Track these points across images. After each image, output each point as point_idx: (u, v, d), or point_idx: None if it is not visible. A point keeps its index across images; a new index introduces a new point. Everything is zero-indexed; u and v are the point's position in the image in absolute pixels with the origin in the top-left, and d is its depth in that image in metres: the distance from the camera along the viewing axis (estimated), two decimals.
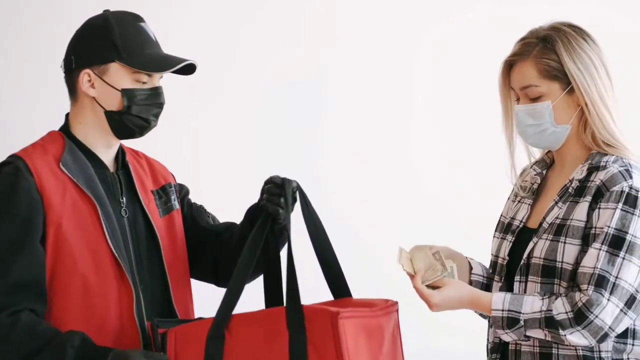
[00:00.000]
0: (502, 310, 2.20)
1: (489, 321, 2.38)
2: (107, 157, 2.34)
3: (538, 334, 2.19)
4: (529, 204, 2.36)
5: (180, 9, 3.75)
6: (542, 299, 2.19)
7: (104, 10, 2.34)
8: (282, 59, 3.87)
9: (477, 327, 3.24)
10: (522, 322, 2.18)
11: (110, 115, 2.28)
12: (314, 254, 2.24)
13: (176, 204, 2.42)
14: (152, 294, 2.32)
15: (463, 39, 3.96)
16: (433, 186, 3.94)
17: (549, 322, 2.16)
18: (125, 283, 2.25)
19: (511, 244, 2.33)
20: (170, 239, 2.38)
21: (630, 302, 2.16)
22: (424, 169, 3.94)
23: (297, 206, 2.26)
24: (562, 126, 2.27)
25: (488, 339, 2.38)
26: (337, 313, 1.99)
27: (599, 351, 2.21)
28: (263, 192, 2.27)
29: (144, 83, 2.28)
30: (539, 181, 2.37)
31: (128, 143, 2.42)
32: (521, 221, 2.34)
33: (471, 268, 2.42)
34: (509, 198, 2.47)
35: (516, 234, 2.33)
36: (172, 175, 2.49)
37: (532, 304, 2.19)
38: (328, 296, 2.26)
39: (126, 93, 2.27)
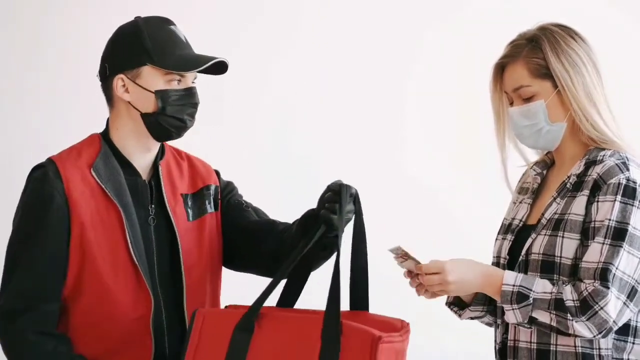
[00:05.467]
0: (513, 286, 2.18)
1: (495, 322, 2.37)
2: (143, 163, 2.36)
3: (544, 316, 2.16)
4: (529, 204, 2.35)
5: (181, 10, 3.76)
6: (553, 283, 2.18)
7: (135, 17, 2.37)
8: (281, 61, 3.87)
9: (479, 329, 3.25)
10: (531, 300, 2.16)
11: (146, 118, 2.31)
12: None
13: (210, 208, 2.42)
14: (173, 299, 2.33)
15: (460, 38, 3.97)
16: (431, 187, 3.95)
17: (558, 305, 2.15)
18: (143, 291, 2.28)
19: (511, 242, 2.33)
20: (197, 243, 2.38)
21: (632, 295, 2.16)
22: (422, 169, 3.95)
23: None
24: (558, 124, 2.27)
25: (495, 340, 2.37)
26: (380, 338, 1.98)
27: (599, 348, 2.20)
28: (321, 200, 2.23)
29: (178, 82, 2.31)
30: (539, 181, 2.37)
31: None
32: (521, 220, 2.34)
33: None
34: (512, 201, 2.46)
35: (516, 233, 2.33)
36: (216, 175, 2.49)
37: (543, 285, 2.18)
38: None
39: (160, 94, 2.29)
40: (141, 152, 2.36)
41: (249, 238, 2.43)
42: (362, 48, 3.92)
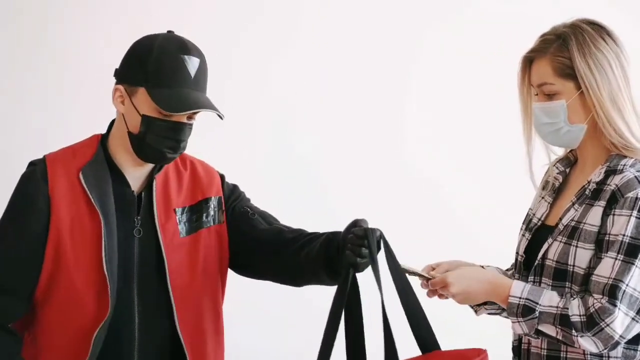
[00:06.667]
0: (520, 298, 2.16)
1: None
2: (135, 174, 2.34)
3: (550, 330, 2.15)
4: (549, 202, 2.33)
5: (181, 10, 3.76)
6: (561, 296, 2.16)
7: (168, 31, 2.34)
8: (281, 61, 3.87)
9: (489, 333, 3.24)
10: (537, 314, 2.15)
11: (130, 136, 2.29)
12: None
13: (208, 222, 2.39)
14: (157, 316, 2.32)
15: (461, 38, 3.97)
16: (433, 185, 3.95)
17: (563, 320, 2.13)
18: (103, 302, 2.25)
19: (528, 241, 2.31)
20: (189, 259, 2.35)
21: None
22: (423, 168, 3.94)
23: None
24: (577, 125, 2.24)
25: (513, 338, 2.35)
26: None
27: (608, 357, 2.19)
28: (345, 240, 2.20)
29: (167, 115, 2.25)
30: (561, 179, 2.34)
31: None
32: (539, 219, 2.32)
33: None
34: (537, 194, 2.43)
35: (533, 232, 2.31)
36: (221, 184, 2.45)
37: (550, 298, 2.16)
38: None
39: (145, 120, 2.26)
40: (133, 165, 2.34)
41: (257, 249, 2.42)
42: (363, 47, 3.92)
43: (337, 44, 3.89)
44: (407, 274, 2.21)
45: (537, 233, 2.31)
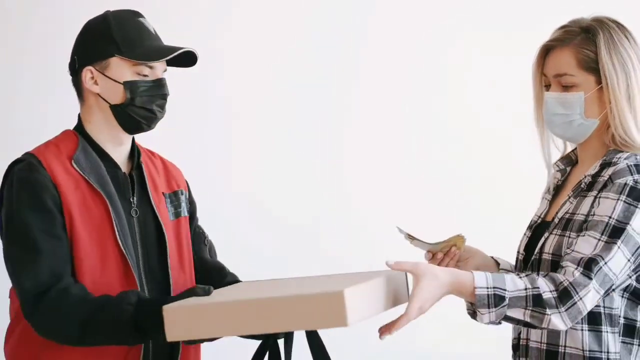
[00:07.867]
0: (487, 288, 2.10)
1: None
2: (119, 155, 2.36)
3: (518, 314, 2.10)
4: (549, 200, 2.35)
5: (184, 11, 3.77)
6: (521, 277, 2.13)
7: (105, 11, 2.38)
8: (293, 57, 3.88)
9: (488, 331, 3.24)
10: (507, 300, 2.09)
11: (115, 109, 2.32)
12: None
13: (185, 211, 2.43)
14: (158, 294, 2.33)
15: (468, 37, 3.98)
16: (437, 183, 3.96)
17: (537, 300, 2.09)
18: (130, 280, 2.27)
19: (527, 238, 2.32)
20: (177, 243, 2.39)
21: (607, 292, 2.14)
22: (430, 167, 3.97)
23: None
24: (591, 120, 2.24)
25: (512, 336, 2.35)
26: None
27: (607, 352, 2.18)
28: None
29: (145, 75, 2.31)
30: (559, 177, 2.36)
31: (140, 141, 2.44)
32: (539, 216, 2.33)
33: (498, 264, 2.42)
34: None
35: (533, 229, 2.32)
36: (186, 184, 2.50)
37: (513, 282, 2.11)
38: None
39: (128, 85, 2.30)
40: (114, 145, 2.36)
41: (197, 274, 2.44)
42: (370, 44, 3.92)
43: (352, 42, 3.90)
44: (407, 239, 2.30)
45: (536, 230, 2.32)
